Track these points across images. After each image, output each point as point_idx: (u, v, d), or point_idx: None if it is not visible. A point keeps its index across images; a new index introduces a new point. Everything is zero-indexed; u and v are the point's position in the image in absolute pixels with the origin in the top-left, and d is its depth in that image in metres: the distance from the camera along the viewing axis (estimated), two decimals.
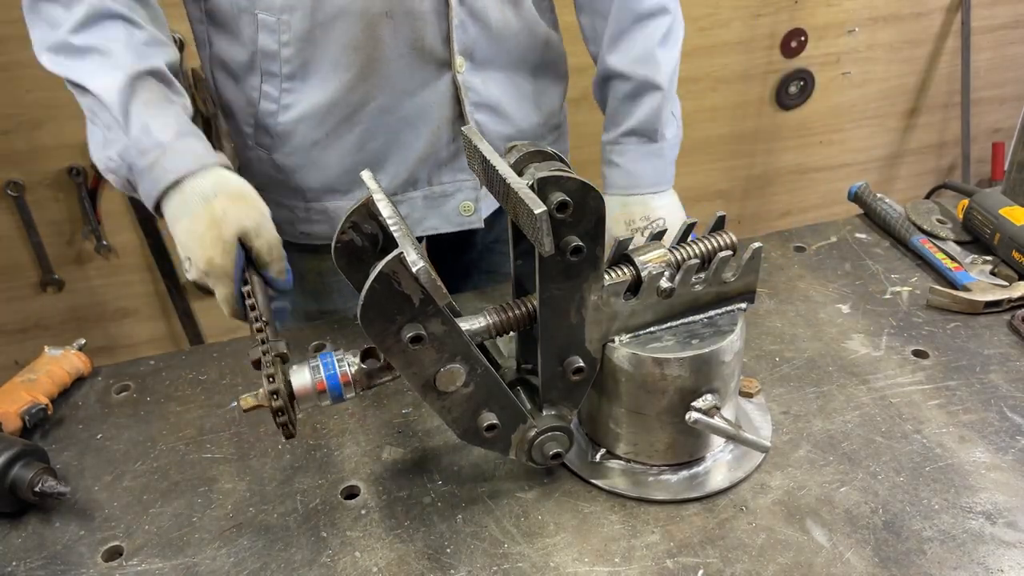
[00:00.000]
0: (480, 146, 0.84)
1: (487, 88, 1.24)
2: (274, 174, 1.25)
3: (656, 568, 0.86)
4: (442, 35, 1.16)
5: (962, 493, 0.92)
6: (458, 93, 1.21)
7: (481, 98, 1.24)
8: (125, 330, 2.67)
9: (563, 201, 0.76)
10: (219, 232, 0.98)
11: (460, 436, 0.89)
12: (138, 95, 1.01)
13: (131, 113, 1.01)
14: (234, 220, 0.99)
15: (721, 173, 2.99)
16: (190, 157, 1.01)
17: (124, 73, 1.01)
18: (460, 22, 1.16)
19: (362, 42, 1.13)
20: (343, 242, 0.93)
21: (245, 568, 0.89)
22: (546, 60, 1.32)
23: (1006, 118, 3.22)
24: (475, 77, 1.22)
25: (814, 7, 2.74)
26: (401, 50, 1.15)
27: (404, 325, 0.79)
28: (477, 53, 1.21)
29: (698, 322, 0.93)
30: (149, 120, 1.01)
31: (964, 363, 1.10)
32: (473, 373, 0.85)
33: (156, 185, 1.01)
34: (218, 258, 0.99)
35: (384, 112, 1.20)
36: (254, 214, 1.02)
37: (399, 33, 1.14)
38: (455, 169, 1.28)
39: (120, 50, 1.02)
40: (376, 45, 1.14)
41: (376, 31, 1.13)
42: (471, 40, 1.19)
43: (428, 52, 1.17)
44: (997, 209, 1.28)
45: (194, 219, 0.99)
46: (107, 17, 1.03)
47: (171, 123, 1.02)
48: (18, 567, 0.90)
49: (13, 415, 1.04)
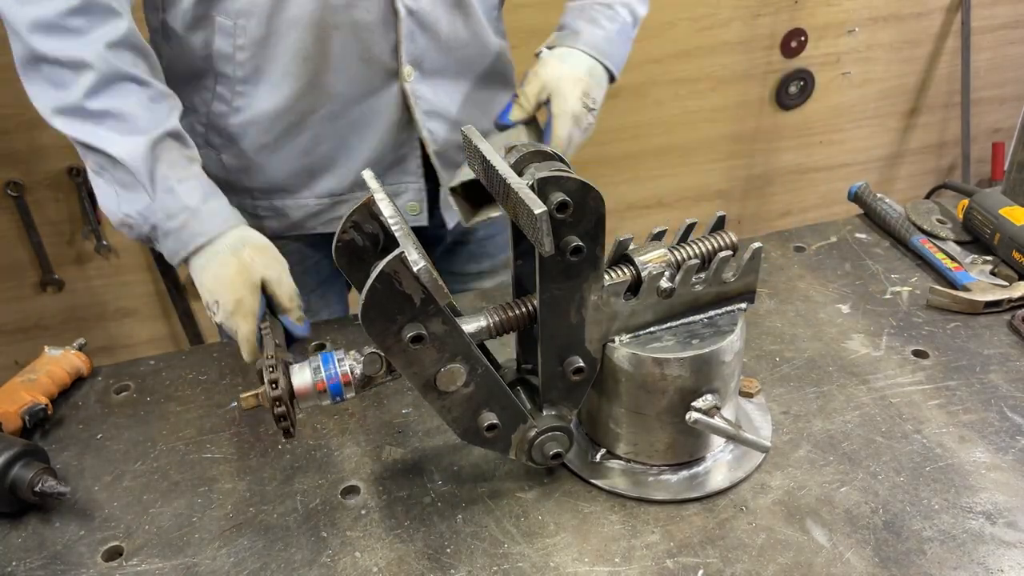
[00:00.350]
0: (480, 146, 0.84)
1: (437, 96, 1.27)
2: (223, 174, 1.27)
3: (656, 568, 0.85)
4: (390, 46, 1.19)
5: (962, 493, 0.92)
6: (406, 101, 1.24)
7: (432, 106, 1.27)
8: (125, 330, 2.67)
9: (563, 201, 0.76)
10: (248, 276, 1.05)
11: (460, 436, 0.89)
12: (161, 159, 1.05)
13: (156, 177, 1.04)
14: (260, 267, 1.06)
15: (721, 173, 2.99)
16: (219, 220, 1.07)
17: (146, 138, 1.04)
18: (409, 32, 1.18)
19: (312, 52, 1.15)
20: (344, 241, 0.93)
21: (245, 568, 0.89)
22: (495, 69, 1.35)
23: (1006, 118, 3.22)
24: (424, 86, 1.24)
25: (814, 7, 2.74)
26: (349, 60, 1.18)
27: (405, 325, 0.79)
28: (426, 63, 1.23)
29: (698, 322, 0.93)
30: (175, 184, 1.05)
31: (964, 363, 1.10)
32: (473, 373, 0.85)
33: (186, 245, 1.07)
34: (247, 298, 1.05)
35: (332, 118, 1.23)
36: (277, 265, 1.09)
37: (348, 44, 1.16)
38: (401, 171, 1.31)
39: (137, 113, 1.04)
40: (325, 56, 1.16)
41: (326, 42, 1.15)
42: (420, 50, 1.21)
43: (376, 62, 1.19)
44: (997, 209, 1.28)
45: (223, 266, 1.05)
46: (119, 80, 1.04)
47: (196, 186, 1.07)
48: (18, 567, 0.90)
49: (13, 415, 1.04)
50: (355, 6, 1.14)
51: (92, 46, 1.01)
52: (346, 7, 1.13)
